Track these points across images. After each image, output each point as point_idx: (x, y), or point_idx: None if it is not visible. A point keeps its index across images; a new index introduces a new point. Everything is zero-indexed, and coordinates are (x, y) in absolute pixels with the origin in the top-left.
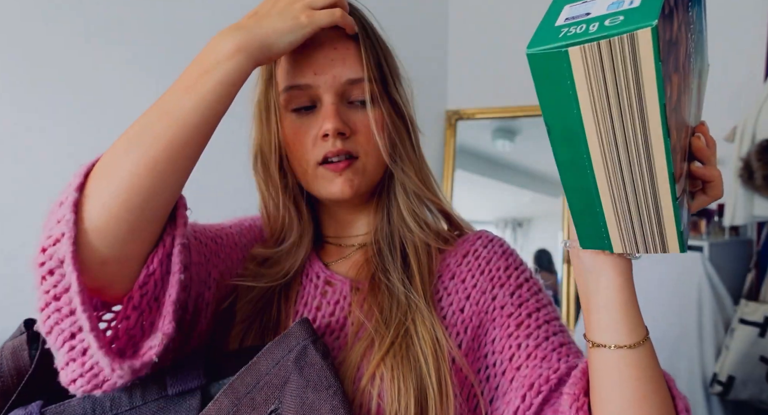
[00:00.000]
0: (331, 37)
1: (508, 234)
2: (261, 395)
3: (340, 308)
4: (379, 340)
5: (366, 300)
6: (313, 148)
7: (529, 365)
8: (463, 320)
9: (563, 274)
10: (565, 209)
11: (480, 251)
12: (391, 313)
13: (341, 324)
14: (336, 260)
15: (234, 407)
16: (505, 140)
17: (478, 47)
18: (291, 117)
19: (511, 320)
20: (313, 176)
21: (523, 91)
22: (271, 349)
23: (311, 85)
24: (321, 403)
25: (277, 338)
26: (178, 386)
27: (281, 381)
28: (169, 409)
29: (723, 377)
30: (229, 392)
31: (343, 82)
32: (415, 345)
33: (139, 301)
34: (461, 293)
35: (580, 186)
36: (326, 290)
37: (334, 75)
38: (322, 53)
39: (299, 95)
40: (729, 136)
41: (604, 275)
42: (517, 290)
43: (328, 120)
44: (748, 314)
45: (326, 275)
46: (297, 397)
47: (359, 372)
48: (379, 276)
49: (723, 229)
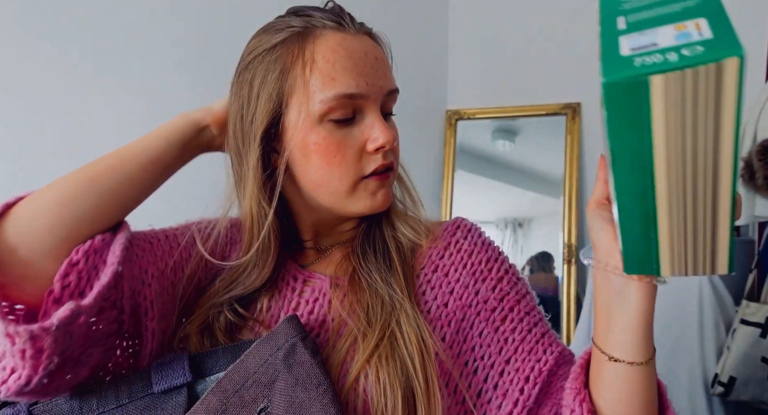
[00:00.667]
0: (371, 44)
1: (508, 234)
2: (249, 394)
3: (319, 306)
4: (362, 338)
5: (347, 297)
6: (358, 161)
7: (518, 359)
8: (447, 314)
9: (563, 274)
10: (565, 209)
11: (461, 242)
12: (375, 312)
13: (320, 321)
14: (313, 261)
15: (222, 405)
16: (505, 140)
17: (478, 47)
18: (328, 128)
19: (496, 314)
20: (351, 191)
21: (523, 91)
22: (259, 347)
23: (364, 95)
24: (311, 401)
25: (265, 335)
26: (164, 384)
27: (270, 380)
28: (156, 406)
29: (724, 378)
30: (218, 391)
31: (385, 93)
32: (400, 345)
33: (60, 293)
34: (444, 287)
35: (640, 214)
36: (304, 290)
37: (381, 86)
38: (368, 62)
39: (345, 105)
40: None
41: (633, 299)
42: (498, 283)
43: (383, 133)
44: (750, 314)
45: (304, 275)
46: (286, 396)
47: (343, 369)
48: (360, 273)
49: None
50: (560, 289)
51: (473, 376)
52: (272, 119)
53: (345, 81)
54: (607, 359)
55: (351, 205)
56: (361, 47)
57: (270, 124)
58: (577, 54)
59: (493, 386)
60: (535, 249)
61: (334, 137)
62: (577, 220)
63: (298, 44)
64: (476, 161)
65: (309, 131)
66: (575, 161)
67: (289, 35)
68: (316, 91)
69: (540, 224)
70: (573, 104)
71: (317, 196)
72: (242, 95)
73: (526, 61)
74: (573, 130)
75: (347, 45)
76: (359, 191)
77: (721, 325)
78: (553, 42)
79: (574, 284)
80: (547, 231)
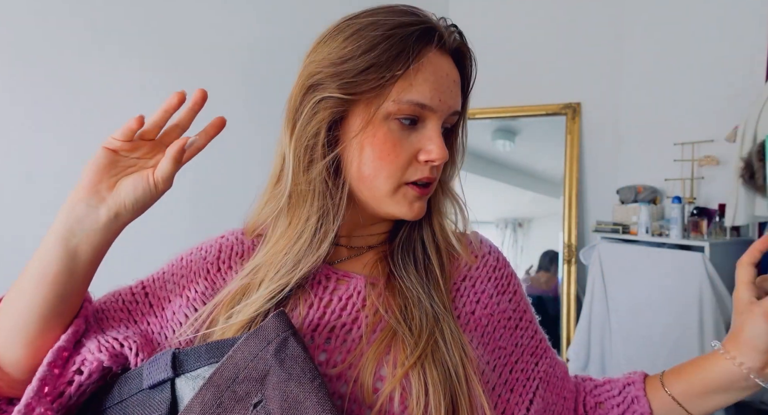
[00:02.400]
0: (450, 66)
1: (508, 234)
2: (242, 389)
3: (352, 303)
4: (402, 341)
5: (383, 296)
6: (407, 166)
7: (522, 360)
8: (474, 320)
9: (563, 274)
10: (565, 209)
11: (487, 257)
12: (415, 318)
13: (354, 317)
14: (344, 259)
15: (217, 400)
16: (505, 140)
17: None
18: (390, 126)
19: (511, 322)
20: (392, 193)
21: (523, 91)
22: (247, 341)
23: (433, 109)
24: (305, 395)
25: (252, 330)
26: (151, 380)
27: (260, 374)
28: (147, 402)
29: None
30: (210, 386)
31: (450, 113)
32: (444, 355)
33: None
34: (472, 296)
35: None
36: (337, 287)
37: (450, 105)
38: (445, 81)
39: (414, 112)
40: (730, 136)
41: (745, 391)
42: (514, 296)
43: (438, 148)
44: None
45: (338, 274)
46: (279, 390)
47: (379, 367)
48: (399, 280)
49: (724, 229)
50: (560, 289)
51: (491, 373)
52: (342, 107)
53: (422, 91)
54: (677, 405)
55: (387, 206)
56: (447, 67)
57: (336, 113)
58: (577, 54)
59: (503, 381)
60: (535, 249)
61: (394, 136)
62: (576, 220)
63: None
64: (476, 161)
65: (373, 126)
66: (575, 161)
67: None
68: (392, 92)
69: (540, 223)
70: (573, 104)
71: (358, 190)
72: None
73: (526, 61)
74: (573, 130)
75: (435, 60)
76: (399, 196)
77: (721, 325)
78: (553, 42)
79: (574, 284)
80: (547, 231)
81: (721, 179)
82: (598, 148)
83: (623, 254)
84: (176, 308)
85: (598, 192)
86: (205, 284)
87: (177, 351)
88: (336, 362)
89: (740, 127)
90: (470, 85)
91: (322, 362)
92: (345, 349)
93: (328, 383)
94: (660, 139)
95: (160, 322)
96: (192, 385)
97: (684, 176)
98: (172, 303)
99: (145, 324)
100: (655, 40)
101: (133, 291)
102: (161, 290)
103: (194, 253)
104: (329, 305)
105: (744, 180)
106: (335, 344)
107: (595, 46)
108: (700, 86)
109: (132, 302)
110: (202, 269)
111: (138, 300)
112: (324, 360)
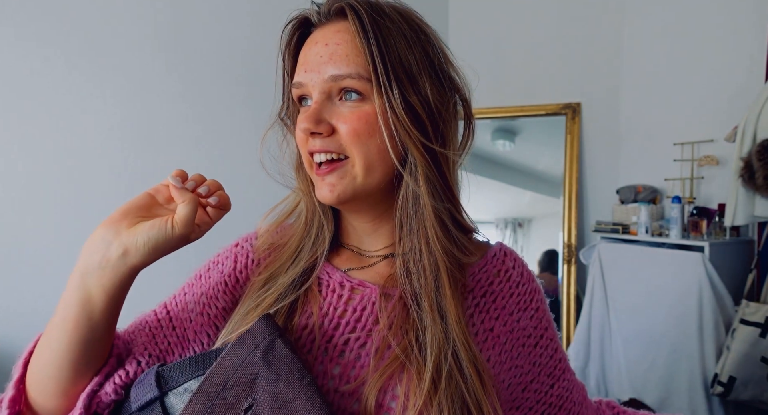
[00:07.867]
0: (325, 33)
1: (508, 234)
2: (232, 395)
3: (366, 316)
4: (416, 371)
5: (397, 310)
6: (304, 144)
7: (538, 380)
8: (492, 337)
9: (563, 274)
10: (565, 209)
11: (510, 272)
12: (425, 341)
13: (368, 331)
14: (356, 268)
15: (208, 409)
16: (505, 140)
17: (478, 47)
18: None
19: (531, 340)
20: (311, 175)
21: (523, 91)
22: (235, 348)
23: (303, 83)
24: (295, 394)
25: (238, 336)
26: (138, 401)
27: (249, 378)
28: None
29: (724, 378)
30: (201, 396)
31: (327, 79)
32: (458, 380)
33: None
34: (492, 313)
35: None
36: (352, 297)
37: (319, 71)
38: (314, 49)
39: (296, 93)
40: (730, 136)
41: None
42: (536, 313)
43: (303, 115)
44: (749, 314)
45: (352, 283)
46: (269, 392)
47: (382, 395)
48: (409, 299)
49: (724, 229)
50: (560, 289)
51: (505, 390)
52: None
53: (297, 70)
54: None
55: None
56: (318, 36)
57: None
58: (577, 54)
59: (512, 399)
60: (535, 249)
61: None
62: (576, 220)
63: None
64: (476, 161)
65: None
66: (575, 161)
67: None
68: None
69: (540, 223)
70: (573, 104)
71: None
72: None
73: (526, 61)
74: (573, 130)
75: (313, 37)
76: (317, 179)
77: (721, 325)
78: (553, 42)
79: (574, 284)
80: (547, 231)
81: (721, 179)
82: (598, 148)
83: (623, 254)
84: (198, 328)
85: (597, 192)
86: (225, 298)
87: (160, 368)
88: (350, 378)
89: (740, 127)
90: (377, 39)
91: (336, 376)
92: (359, 364)
93: (340, 399)
94: (660, 139)
95: (181, 343)
96: (182, 399)
97: (684, 176)
98: (193, 323)
99: (166, 345)
100: (655, 40)
101: (159, 317)
102: (183, 311)
103: (211, 268)
104: (344, 316)
105: (743, 180)
106: (349, 357)
107: (595, 46)
108: (700, 86)
109: (157, 328)
110: (220, 283)
111: (163, 325)
112: (338, 374)
